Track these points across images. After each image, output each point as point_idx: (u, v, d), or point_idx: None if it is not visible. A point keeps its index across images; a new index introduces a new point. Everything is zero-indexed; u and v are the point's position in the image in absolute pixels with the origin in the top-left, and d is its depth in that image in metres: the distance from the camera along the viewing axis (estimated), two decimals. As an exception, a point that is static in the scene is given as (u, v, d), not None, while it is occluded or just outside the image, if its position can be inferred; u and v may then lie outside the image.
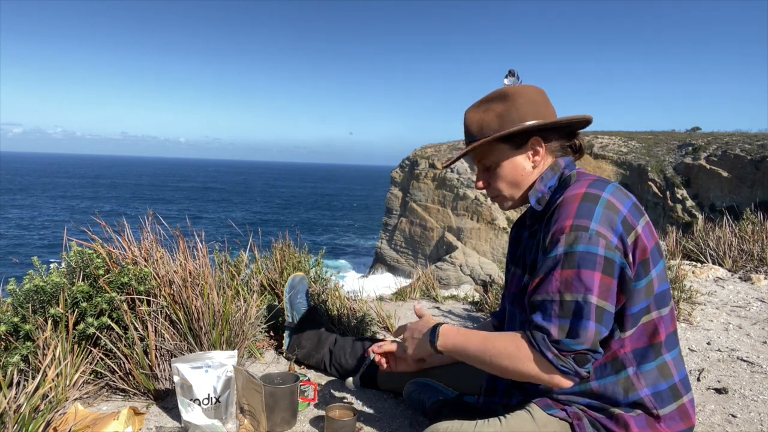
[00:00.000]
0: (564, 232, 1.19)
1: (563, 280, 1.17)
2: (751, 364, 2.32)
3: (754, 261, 4.11)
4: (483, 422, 1.31)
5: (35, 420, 1.46)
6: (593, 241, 1.16)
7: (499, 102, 1.37)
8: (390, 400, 1.93)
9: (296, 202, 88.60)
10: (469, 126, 1.41)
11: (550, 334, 1.17)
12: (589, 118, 1.38)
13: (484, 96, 1.42)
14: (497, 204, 1.46)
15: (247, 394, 1.68)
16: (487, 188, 1.45)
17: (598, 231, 1.17)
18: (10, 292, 1.95)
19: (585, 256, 1.16)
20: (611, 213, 1.20)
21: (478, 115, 1.40)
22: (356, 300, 2.93)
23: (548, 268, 1.20)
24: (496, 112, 1.36)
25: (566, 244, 1.18)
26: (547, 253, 1.21)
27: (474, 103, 1.43)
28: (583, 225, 1.18)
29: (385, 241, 42.10)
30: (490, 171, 1.42)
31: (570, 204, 1.22)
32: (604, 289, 1.16)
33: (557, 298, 1.17)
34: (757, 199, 22.54)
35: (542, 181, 1.37)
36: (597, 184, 1.27)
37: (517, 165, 1.38)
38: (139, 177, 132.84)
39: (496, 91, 1.40)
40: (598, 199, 1.21)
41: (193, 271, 2.10)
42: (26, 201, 69.43)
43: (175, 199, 79.33)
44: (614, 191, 1.25)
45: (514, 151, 1.38)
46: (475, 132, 1.40)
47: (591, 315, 1.15)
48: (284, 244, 2.93)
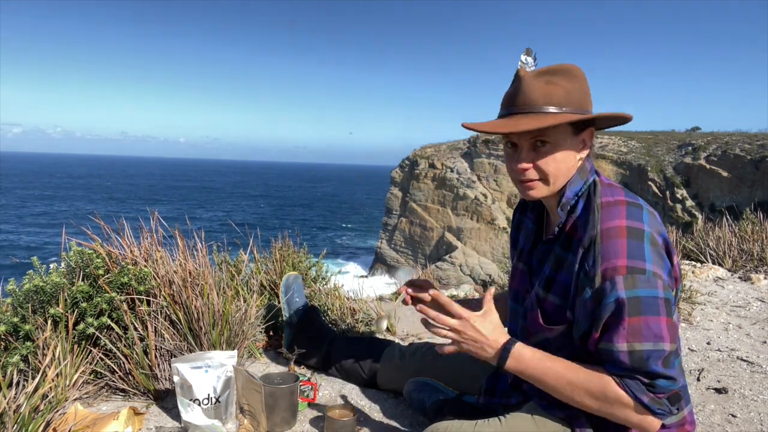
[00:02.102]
0: (620, 273, 1.14)
1: (631, 329, 1.13)
2: (751, 364, 2.32)
3: (754, 261, 4.11)
4: (483, 422, 1.30)
5: (35, 420, 1.46)
6: (652, 283, 1.13)
7: (564, 77, 1.23)
8: (390, 400, 1.93)
9: (296, 202, 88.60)
10: (530, 93, 1.22)
11: (640, 380, 1.15)
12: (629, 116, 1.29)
13: (542, 66, 1.27)
14: (524, 190, 1.29)
15: (247, 394, 1.68)
16: (528, 170, 1.26)
17: (654, 271, 1.14)
18: (10, 292, 1.95)
19: (649, 302, 1.13)
20: (658, 248, 1.17)
21: (540, 85, 1.22)
22: (356, 300, 2.93)
23: (612, 316, 1.15)
24: (564, 88, 1.22)
25: (626, 287, 1.13)
26: (602, 296, 1.15)
27: (535, 71, 1.25)
28: (639, 267, 1.14)
29: (385, 241, 42.10)
30: (541, 150, 1.25)
31: (615, 239, 1.16)
32: (672, 332, 1.15)
33: (629, 349, 1.14)
34: (756, 198, 22.54)
35: (570, 187, 1.28)
36: (633, 211, 1.20)
37: (570, 153, 1.26)
38: (138, 177, 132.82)
39: (558, 65, 1.25)
40: (643, 235, 1.17)
41: (193, 271, 2.10)
42: (26, 201, 69.39)
43: (174, 199, 79.33)
44: (649, 218, 1.21)
45: (572, 137, 1.25)
46: (539, 102, 1.21)
47: (665, 361, 1.13)
48: (284, 244, 2.93)
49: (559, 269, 1.28)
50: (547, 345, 1.30)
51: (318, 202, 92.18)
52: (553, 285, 1.30)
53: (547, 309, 1.31)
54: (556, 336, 1.29)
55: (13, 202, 66.91)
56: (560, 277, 1.28)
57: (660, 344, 1.13)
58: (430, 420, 1.55)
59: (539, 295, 1.33)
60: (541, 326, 1.32)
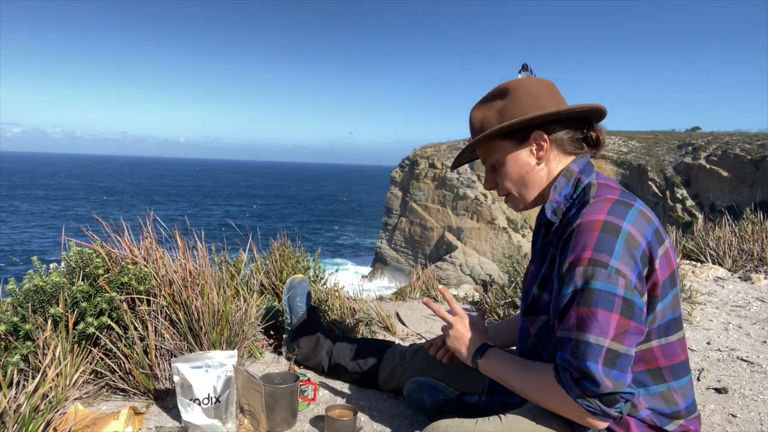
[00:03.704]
0: (581, 264, 1.14)
1: (578, 318, 1.13)
2: (751, 364, 2.32)
3: (754, 261, 4.11)
4: (483, 420, 1.30)
5: (35, 420, 1.46)
6: (612, 279, 1.11)
7: (499, 99, 1.35)
8: (390, 399, 1.93)
9: (296, 202, 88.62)
10: (472, 124, 1.39)
11: (571, 374, 1.14)
12: (597, 107, 1.30)
13: (487, 92, 1.39)
14: (511, 205, 1.43)
15: (247, 393, 1.68)
16: (496, 189, 1.42)
17: (618, 269, 1.12)
18: (10, 292, 1.95)
19: (603, 295, 1.11)
20: (631, 248, 1.14)
21: (481, 113, 1.37)
22: (356, 300, 2.94)
23: (565, 304, 1.16)
24: (496, 109, 1.34)
25: (583, 278, 1.13)
26: (564, 284, 1.17)
27: (479, 101, 1.40)
28: (602, 260, 1.12)
29: (385, 240, 42.10)
30: (496, 170, 1.39)
31: (588, 233, 1.15)
32: (621, 332, 1.11)
33: (573, 337, 1.14)
34: (757, 198, 22.55)
35: (556, 190, 1.31)
36: (618, 208, 1.19)
37: (520, 161, 1.34)
38: (138, 177, 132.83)
39: (498, 87, 1.37)
40: (618, 231, 1.15)
41: (193, 271, 2.10)
42: (26, 201, 69.39)
43: (174, 199, 79.33)
44: (636, 218, 1.18)
45: (516, 147, 1.33)
46: (477, 130, 1.37)
47: (599, 359, 1.11)
48: (283, 243, 2.93)
49: (552, 267, 1.29)
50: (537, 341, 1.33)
51: (318, 201, 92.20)
52: (548, 283, 1.31)
53: (540, 308, 1.33)
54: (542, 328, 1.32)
55: (13, 202, 66.91)
56: (553, 275, 1.28)
57: (602, 339, 1.10)
58: (431, 420, 1.55)
59: (534, 295, 1.35)
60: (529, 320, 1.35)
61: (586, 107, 1.30)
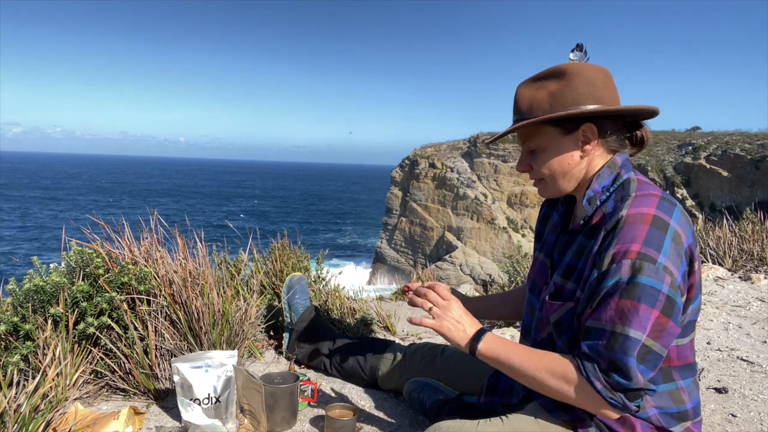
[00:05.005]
0: (629, 257, 1.11)
1: (619, 310, 1.11)
2: (751, 364, 2.32)
3: (754, 260, 4.10)
4: (485, 421, 1.30)
5: (35, 420, 1.46)
6: (659, 276, 1.09)
7: (554, 80, 1.25)
8: (390, 399, 1.93)
9: (296, 202, 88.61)
10: (518, 102, 1.28)
11: (599, 365, 1.13)
12: (655, 109, 1.25)
13: (541, 71, 1.29)
14: (540, 191, 1.36)
15: (247, 393, 1.68)
16: (529, 171, 1.33)
17: (666, 266, 1.10)
18: (10, 292, 1.95)
19: (648, 291, 1.09)
20: (678, 247, 1.12)
21: (529, 92, 1.27)
22: (356, 300, 2.94)
23: (606, 295, 1.13)
24: (549, 91, 1.24)
25: (631, 271, 1.10)
26: (606, 276, 1.13)
27: (528, 78, 1.30)
28: (651, 255, 1.10)
29: (385, 240, 42.11)
30: (535, 154, 1.31)
31: (637, 225, 1.13)
32: (657, 329, 1.10)
33: (609, 328, 1.11)
34: (757, 198, 22.53)
35: (598, 180, 1.26)
36: (665, 205, 1.17)
37: (563, 152, 1.27)
38: (138, 177, 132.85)
39: (553, 67, 1.27)
40: (667, 228, 1.13)
41: (193, 271, 2.10)
42: (26, 201, 69.40)
43: (174, 199, 79.34)
44: (680, 218, 1.17)
45: (562, 137, 1.26)
46: (524, 110, 1.27)
47: (634, 352, 1.09)
48: (283, 243, 2.93)
49: (580, 257, 1.26)
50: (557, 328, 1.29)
51: (318, 201, 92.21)
52: (573, 273, 1.28)
53: (564, 295, 1.29)
54: (565, 315, 1.27)
55: (13, 202, 66.91)
56: (581, 265, 1.26)
57: (639, 334, 1.09)
58: (430, 420, 1.55)
59: (557, 283, 1.31)
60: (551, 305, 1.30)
61: (643, 109, 1.26)
